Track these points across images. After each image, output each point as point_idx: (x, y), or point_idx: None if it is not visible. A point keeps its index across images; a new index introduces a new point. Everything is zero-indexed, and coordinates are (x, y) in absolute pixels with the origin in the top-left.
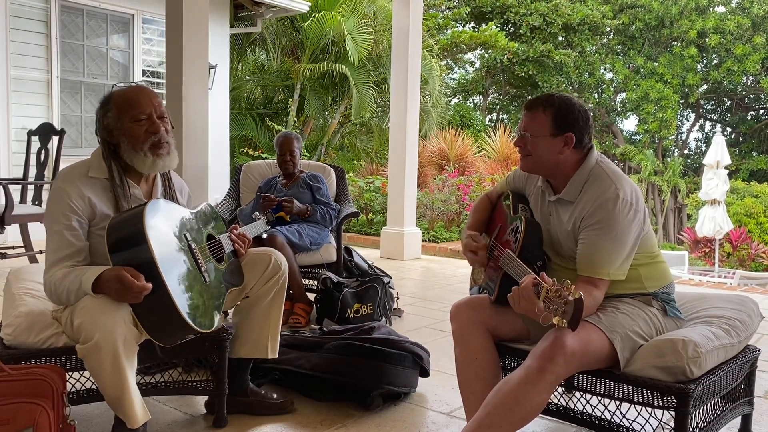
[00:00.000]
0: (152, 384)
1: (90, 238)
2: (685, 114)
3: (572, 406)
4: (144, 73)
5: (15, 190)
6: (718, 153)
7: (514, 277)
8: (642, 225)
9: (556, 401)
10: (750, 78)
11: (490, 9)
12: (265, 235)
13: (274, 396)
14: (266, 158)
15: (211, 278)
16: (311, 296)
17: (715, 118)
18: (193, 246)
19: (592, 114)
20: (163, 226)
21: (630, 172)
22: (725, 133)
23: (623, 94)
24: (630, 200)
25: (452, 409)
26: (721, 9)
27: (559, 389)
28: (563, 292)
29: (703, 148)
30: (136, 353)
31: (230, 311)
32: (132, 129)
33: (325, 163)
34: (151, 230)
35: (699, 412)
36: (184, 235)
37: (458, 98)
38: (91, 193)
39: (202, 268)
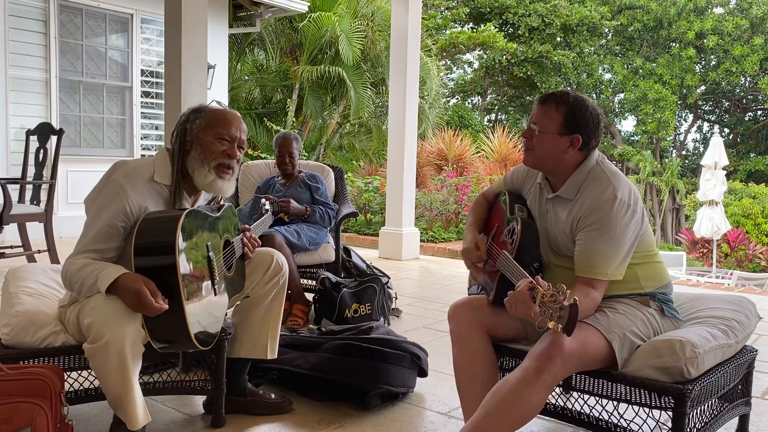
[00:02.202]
0: (150, 384)
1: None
2: (683, 115)
3: (570, 406)
4: (143, 72)
5: (13, 190)
6: (716, 154)
7: (511, 279)
8: (640, 225)
9: (554, 401)
10: (748, 79)
11: (488, 10)
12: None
13: (272, 396)
14: (265, 158)
15: (220, 290)
16: (309, 296)
17: (713, 119)
18: (211, 256)
19: (603, 118)
20: (192, 238)
21: (628, 172)
22: (723, 134)
23: (621, 95)
24: (627, 201)
25: (450, 409)
26: (719, 10)
27: (557, 389)
28: (558, 296)
29: (701, 149)
30: (141, 354)
31: (230, 311)
32: (211, 143)
33: (324, 163)
34: (181, 243)
35: (696, 413)
36: (207, 245)
37: (457, 99)
38: (149, 200)
39: (215, 281)
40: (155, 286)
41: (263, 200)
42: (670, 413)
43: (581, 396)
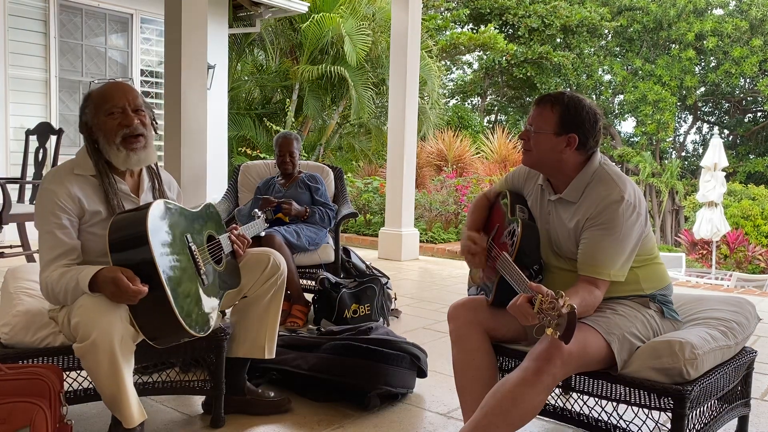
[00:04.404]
0: (149, 383)
1: (80, 236)
2: (683, 116)
3: (569, 407)
4: (142, 72)
5: (13, 190)
6: (716, 155)
7: (510, 282)
8: (643, 227)
9: (553, 402)
10: (747, 80)
11: (488, 11)
12: (263, 233)
13: (271, 394)
14: (264, 158)
15: (209, 281)
16: (309, 297)
17: (712, 120)
18: (193, 248)
19: (601, 118)
20: (166, 227)
21: (628, 173)
22: (723, 135)
23: (621, 96)
24: (633, 202)
25: (449, 409)
26: (719, 11)
27: (557, 390)
28: (557, 303)
29: (701, 151)
30: (133, 352)
31: (228, 311)
32: (106, 123)
33: (324, 164)
34: (154, 232)
35: (696, 414)
36: (186, 236)
37: (456, 99)
38: (79, 191)
39: (201, 271)
40: (132, 273)
41: (256, 210)
42: (670, 414)
43: (581, 397)
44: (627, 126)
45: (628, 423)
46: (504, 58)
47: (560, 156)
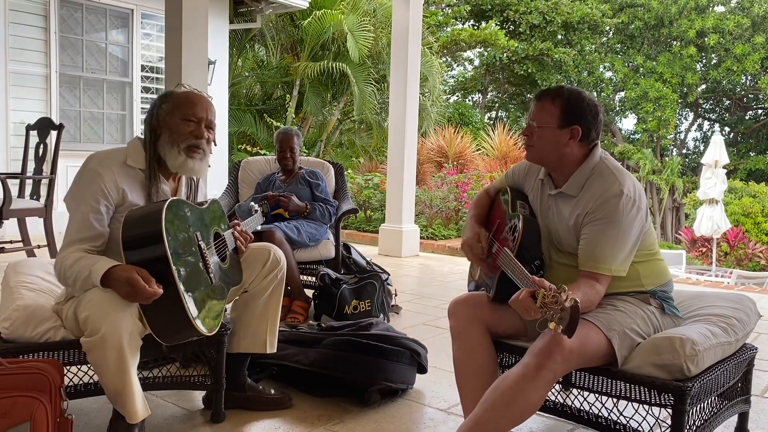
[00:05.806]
0: (150, 379)
1: (112, 224)
2: (684, 113)
3: (569, 403)
4: (143, 68)
5: (13, 185)
6: (717, 152)
7: (512, 278)
8: (644, 222)
9: (553, 398)
10: (749, 78)
11: (490, 7)
12: (259, 227)
13: (272, 392)
14: (265, 154)
15: (216, 279)
16: (309, 293)
17: (713, 117)
18: (202, 246)
19: (602, 110)
20: (179, 225)
21: (628, 170)
22: (723, 132)
23: (622, 93)
24: (633, 197)
25: (450, 405)
26: (720, 8)
27: (557, 386)
28: (560, 297)
29: (702, 148)
30: (139, 348)
31: (228, 306)
32: (178, 125)
33: (324, 160)
34: (168, 230)
35: (696, 410)
36: (196, 235)
37: (457, 96)
38: (125, 182)
39: (210, 269)
40: (147, 273)
41: (252, 203)
42: (670, 410)
43: (581, 393)
44: (628, 123)
45: (628, 419)
46: (505, 54)
47: (564, 149)
